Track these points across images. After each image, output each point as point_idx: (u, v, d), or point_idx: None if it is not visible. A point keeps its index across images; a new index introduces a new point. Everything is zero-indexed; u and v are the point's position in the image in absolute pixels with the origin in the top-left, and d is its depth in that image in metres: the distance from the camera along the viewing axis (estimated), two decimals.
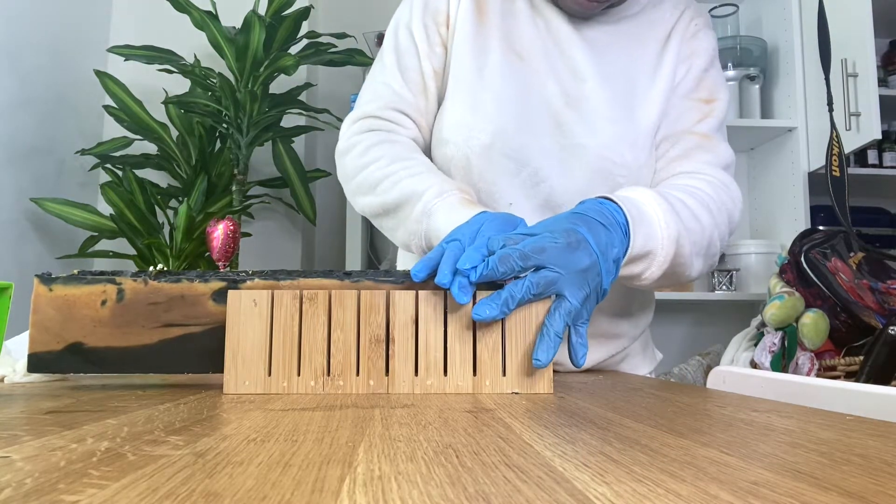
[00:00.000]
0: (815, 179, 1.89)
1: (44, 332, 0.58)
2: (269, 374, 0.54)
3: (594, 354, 0.83)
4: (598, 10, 0.81)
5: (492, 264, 0.53)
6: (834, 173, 1.63)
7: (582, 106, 0.80)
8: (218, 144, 1.84)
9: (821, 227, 1.79)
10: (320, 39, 1.81)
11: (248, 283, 0.58)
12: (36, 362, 0.59)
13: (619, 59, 0.83)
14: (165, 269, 0.63)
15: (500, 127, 0.79)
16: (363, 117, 0.83)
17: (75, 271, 0.60)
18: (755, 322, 1.58)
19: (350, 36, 1.85)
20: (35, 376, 0.65)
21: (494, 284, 0.55)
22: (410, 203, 0.72)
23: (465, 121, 0.80)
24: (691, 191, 0.76)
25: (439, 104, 0.85)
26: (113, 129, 1.87)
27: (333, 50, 1.79)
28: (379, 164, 0.77)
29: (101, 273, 0.60)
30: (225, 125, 1.77)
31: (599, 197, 0.65)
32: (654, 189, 0.72)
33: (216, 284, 0.59)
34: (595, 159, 0.79)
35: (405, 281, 0.58)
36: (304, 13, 1.79)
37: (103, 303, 0.59)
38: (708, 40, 0.86)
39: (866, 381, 1.23)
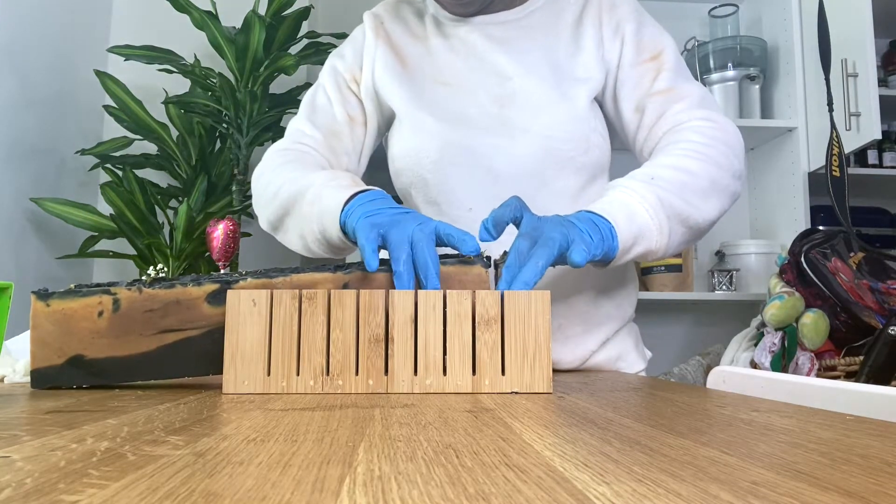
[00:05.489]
0: (815, 179, 1.89)
1: (44, 347, 0.58)
2: (269, 374, 0.54)
3: (586, 345, 0.87)
4: (472, 8, 0.87)
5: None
6: (834, 173, 1.63)
7: (516, 101, 0.85)
8: (218, 144, 1.84)
9: (821, 227, 1.79)
10: (320, 39, 1.81)
11: (241, 283, 0.59)
12: (39, 378, 0.59)
13: (535, 49, 0.88)
14: (164, 269, 0.64)
15: (444, 141, 0.85)
16: (275, 150, 0.90)
17: (72, 286, 0.60)
18: (755, 322, 1.58)
19: None
20: None
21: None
22: (304, 193, 0.76)
23: (411, 145, 0.87)
24: (669, 150, 0.78)
25: (362, 147, 0.93)
26: (113, 129, 1.87)
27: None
28: (281, 176, 0.81)
29: (97, 285, 0.60)
30: (225, 125, 1.77)
31: (577, 212, 0.69)
32: (622, 178, 0.75)
33: (210, 287, 0.59)
34: (541, 140, 0.84)
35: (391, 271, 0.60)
36: (304, 13, 1.79)
37: (100, 314, 0.59)
38: (627, 5, 0.89)
39: (866, 381, 1.23)
